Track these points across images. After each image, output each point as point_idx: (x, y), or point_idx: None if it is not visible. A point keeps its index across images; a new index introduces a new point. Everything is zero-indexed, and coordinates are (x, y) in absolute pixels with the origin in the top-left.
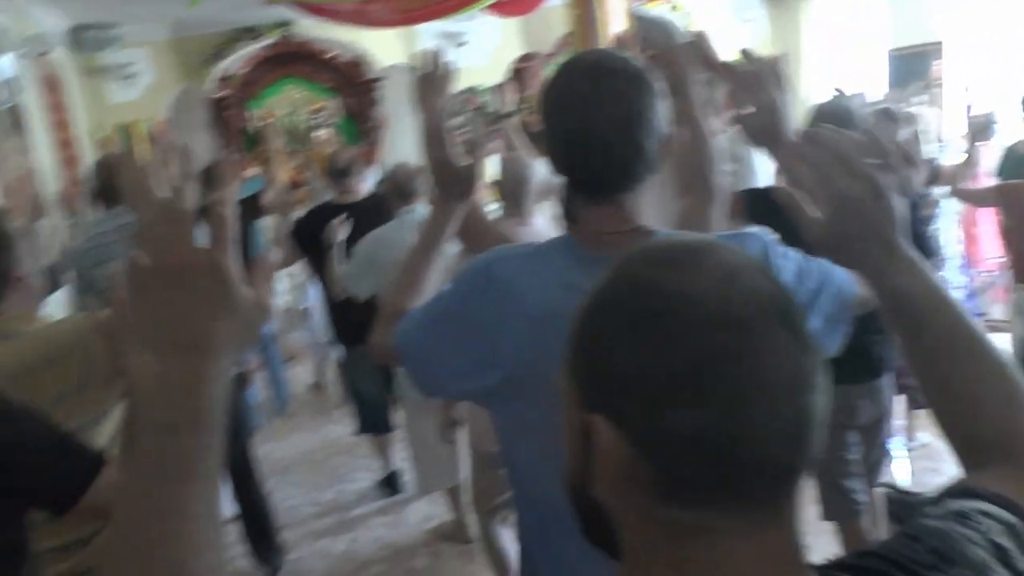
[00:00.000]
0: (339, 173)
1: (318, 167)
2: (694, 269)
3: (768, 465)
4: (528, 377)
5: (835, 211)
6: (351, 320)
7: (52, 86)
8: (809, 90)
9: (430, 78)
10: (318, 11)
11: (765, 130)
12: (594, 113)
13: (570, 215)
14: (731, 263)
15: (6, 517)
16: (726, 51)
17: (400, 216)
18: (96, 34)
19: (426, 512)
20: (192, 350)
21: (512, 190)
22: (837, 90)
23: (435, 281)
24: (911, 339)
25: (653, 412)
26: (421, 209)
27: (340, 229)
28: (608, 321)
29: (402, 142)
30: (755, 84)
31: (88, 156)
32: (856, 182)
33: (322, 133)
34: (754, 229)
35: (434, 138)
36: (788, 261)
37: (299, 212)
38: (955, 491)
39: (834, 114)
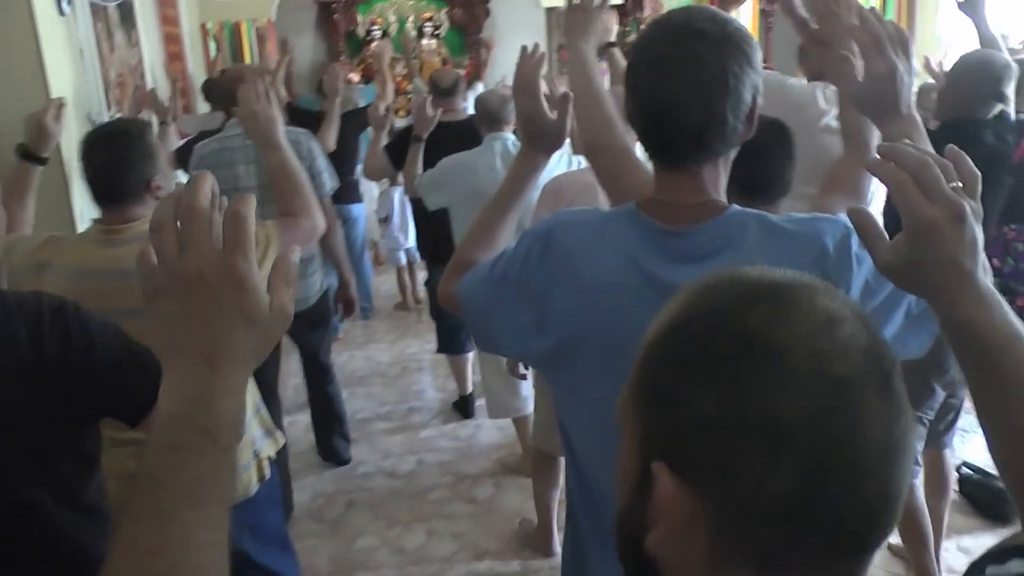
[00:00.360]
0: (442, 92)
1: (423, 79)
2: (787, 313)
3: (848, 536)
4: (578, 346)
5: (909, 236)
6: (437, 236)
7: None
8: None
9: (580, 11)
10: None
11: (880, 102)
12: (672, 77)
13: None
14: (828, 310)
15: (81, 428)
16: None
17: (487, 142)
18: None
19: (495, 440)
20: (206, 362)
21: None
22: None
23: (510, 234)
24: (975, 371)
25: (726, 468)
26: (509, 137)
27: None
28: (685, 360)
29: (506, 62)
30: (875, 48)
31: (192, 53)
32: (934, 207)
33: (428, 43)
34: (840, 216)
35: (526, 89)
36: (865, 262)
37: (401, 122)
38: (1014, 549)
39: (980, 68)
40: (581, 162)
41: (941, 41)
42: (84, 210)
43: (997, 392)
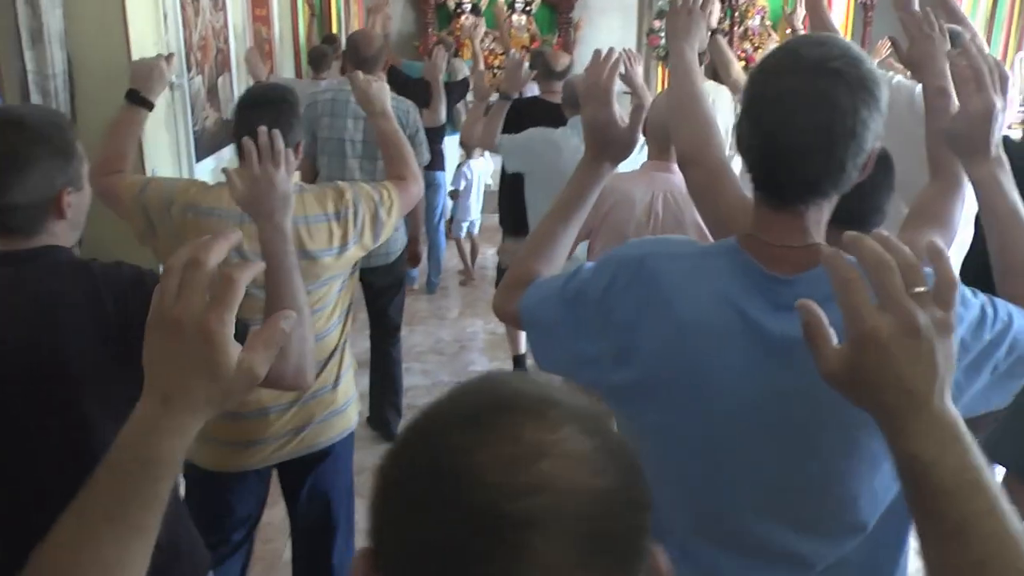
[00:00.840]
0: (553, 75)
1: (518, 52)
2: (488, 439)
3: None
4: (663, 384)
5: (851, 345)
6: (516, 210)
7: None
8: None
9: (684, 13)
10: None
11: (972, 141)
12: (799, 117)
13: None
14: (542, 441)
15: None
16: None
17: (572, 123)
18: None
19: None
20: (162, 400)
21: (661, 133)
22: None
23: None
24: (919, 511)
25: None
26: None
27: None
28: (391, 471)
29: (595, 42)
30: (975, 84)
31: (279, 16)
32: (883, 315)
33: (519, 18)
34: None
35: (597, 95)
36: (969, 309)
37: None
38: None
39: None
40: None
41: None
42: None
43: (942, 538)
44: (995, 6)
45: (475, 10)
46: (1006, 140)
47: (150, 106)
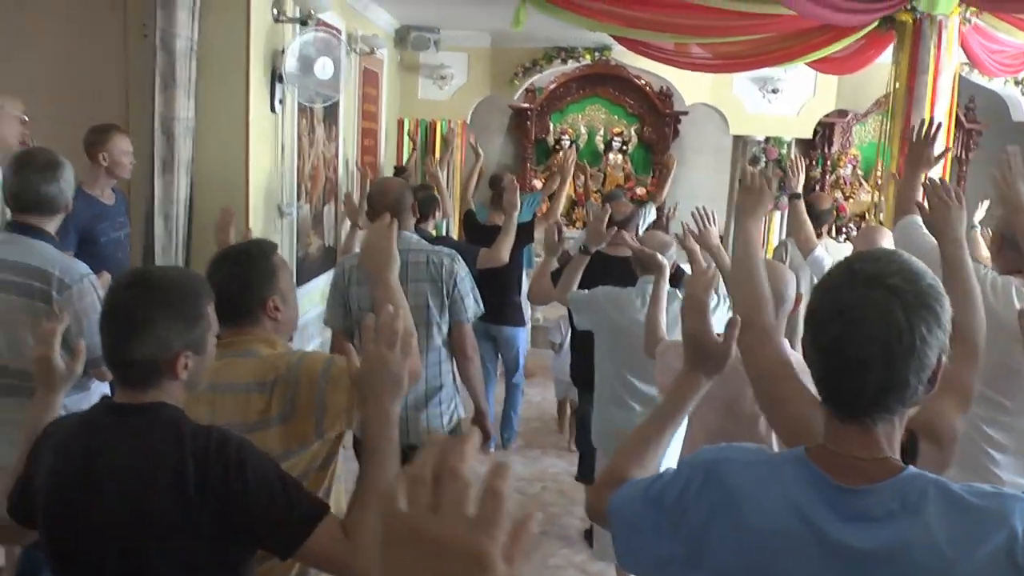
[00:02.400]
0: (618, 223)
1: (596, 201)
2: None
3: None
4: None
5: None
6: (588, 367)
7: (370, 80)
8: None
9: (754, 193)
10: (637, 46)
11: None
12: (858, 332)
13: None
14: None
15: (236, 560)
16: None
17: (641, 284)
18: (419, 35)
19: None
20: None
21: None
22: None
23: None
24: None
25: None
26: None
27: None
28: None
29: (690, 183)
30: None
31: (385, 147)
32: None
33: (615, 157)
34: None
35: (696, 306)
36: None
37: (574, 234)
38: None
39: None
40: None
41: None
42: None
43: None
44: None
45: (573, 145)
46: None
47: None
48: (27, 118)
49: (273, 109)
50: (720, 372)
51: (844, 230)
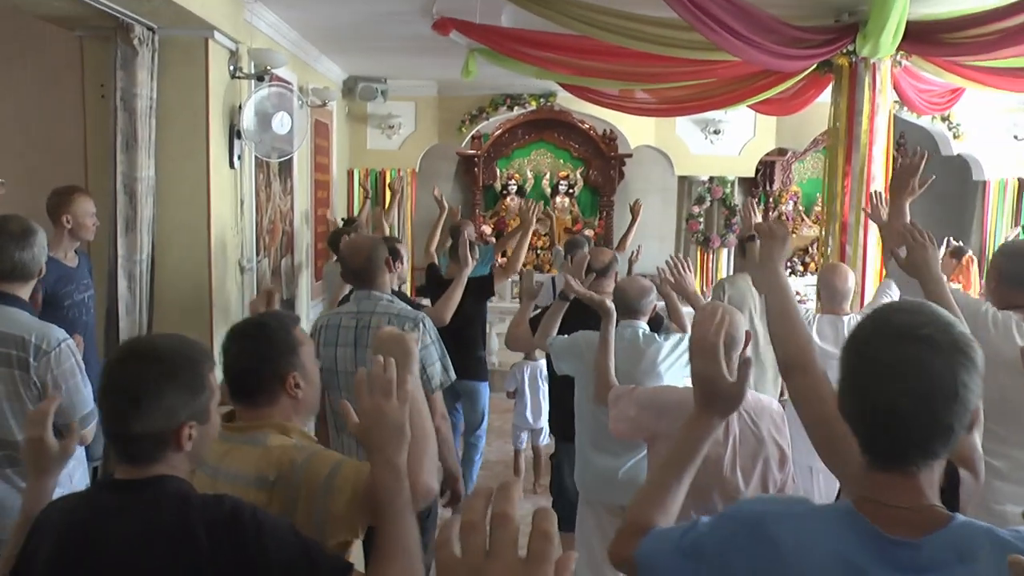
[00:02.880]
0: (599, 272)
1: (558, 236)
2: None
3: None
4: None
5: None
6: (568, 414)
7: (321, 132)
8: None
9: (776, 240)
10: (583, 92)
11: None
12: (900, 385)
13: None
14: None
15: None
16: (997, 169)
17: (621, 328)
18: (367, 86)
19: None
20: None
21: None
22: None
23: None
24: None
25: None
26: (640, 324)
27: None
28: None
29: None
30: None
31: (337, 196)
32: None
33: (561, 200)
34: None
35: (707, 350)
36: None
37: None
38: None
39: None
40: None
41: None
42: None
43: None
44: (1020, 202)
45: (520, 191)
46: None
47: None
48: (3, 180)
49: (232, 165)
50: (733, 412)
51: (789, 264)
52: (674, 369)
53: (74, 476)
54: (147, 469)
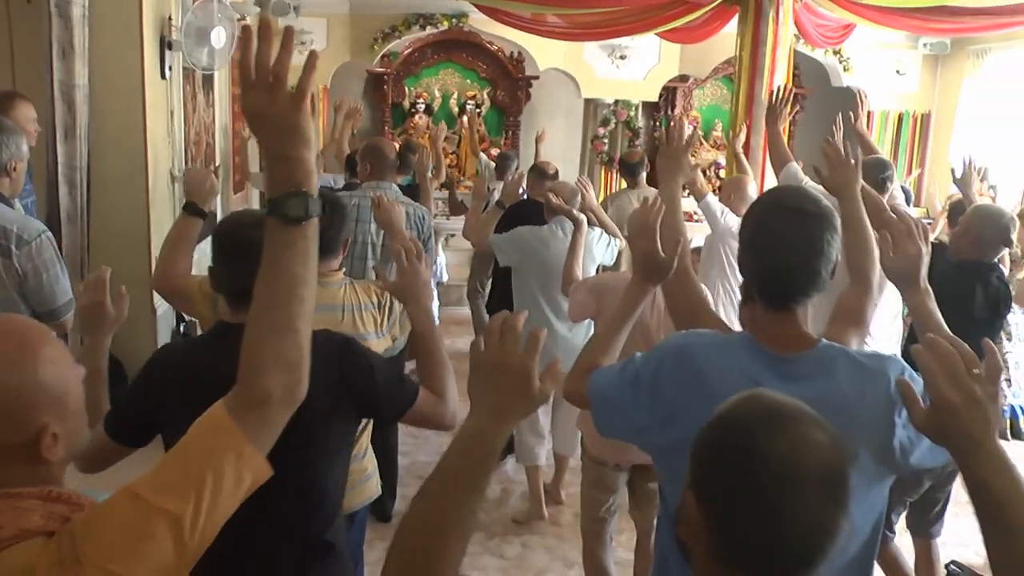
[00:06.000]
0: (548, 176)
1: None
2: (778, 429)
3: (782, 567)
4: None
5: (934, 410)
6: (506, 299)
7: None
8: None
9: (671, 156)
10: (496, 13)
11: (907, 276)
12: (788, 247)
13: (748, 316)
14: (805, 435)
15: (351, 426)
16: (880, 102)
17: (556, 223)
18: (281, 1)
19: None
20: (492, 416)
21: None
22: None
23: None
24: (987, 522)
25: (722, 509)
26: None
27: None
28: (718, 443)
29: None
30: (908, 234)
31: None
32: (957, 392)
33: (468, 119)
34: (895, 356)
35: (646, 231)
36: (918, 384)
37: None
38: None
39: (993, 219)
40: (614, 245)
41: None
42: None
43: (1001, 535)
44: (899, 132)
45: (428, 110)
46: (938, 244)
47: (205, 216)
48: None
49: (163, 76)
50: (663, 280)
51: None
52: (598, 248)
53: None
54: None
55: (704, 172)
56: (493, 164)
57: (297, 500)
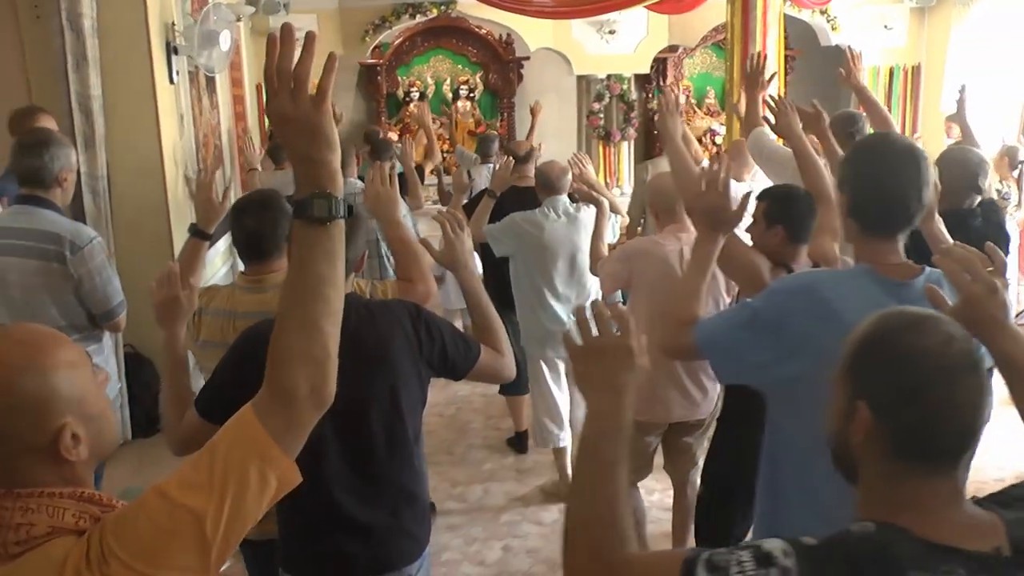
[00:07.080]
0: (520, 159)
1: (461, 139)
2: (926, 331)
3: (951, 446)
4: (829, 369)
5: (964, 302)
6: (501, 289)
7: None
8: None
9: (670, 115)
10: None
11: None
12: (904, 182)
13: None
14: (948, 332)
15: (425, 384)
16: (869, 58)
17: (547, 203)
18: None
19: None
20: (610, 391)
21: (664, 205)
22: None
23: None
24: (1014, 383)
25: (896, 407)
26: (562, 199)
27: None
28: (878, 354)
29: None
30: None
31: (251, 111)
32: (979, 284)
33: (463, 104)
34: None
35: (719, 186)
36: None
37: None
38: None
39: (959, 165)
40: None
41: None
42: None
43: None
44: (891, 87)
45: (422, 98)
46: (962, 214)
47: (209, 237)
48: None
49: (171, 80)
50: (732, 230)
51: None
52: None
53: (108, 363)
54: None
55: (699, 139)
56: (473, 154)
57: (390, 450)
